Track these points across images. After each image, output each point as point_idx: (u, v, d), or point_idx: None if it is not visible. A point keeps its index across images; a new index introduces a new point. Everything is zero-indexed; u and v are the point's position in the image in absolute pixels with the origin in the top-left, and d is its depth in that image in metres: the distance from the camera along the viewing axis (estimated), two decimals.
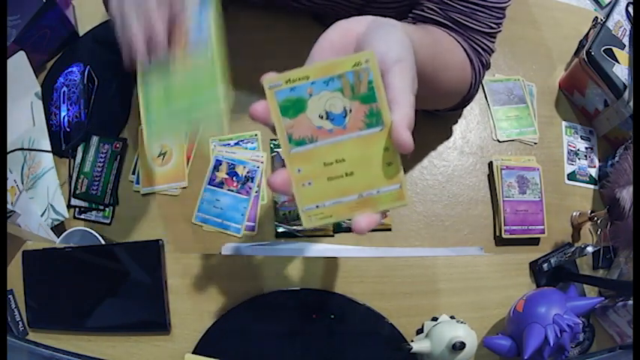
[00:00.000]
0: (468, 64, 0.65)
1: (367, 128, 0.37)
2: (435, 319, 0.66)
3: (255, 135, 0.78)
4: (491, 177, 0.79)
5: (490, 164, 0.80)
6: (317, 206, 0.38)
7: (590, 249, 0.69)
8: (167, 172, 0.76)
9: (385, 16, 0.44)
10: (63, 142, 0.76)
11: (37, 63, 0.79)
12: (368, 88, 0.36)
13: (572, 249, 0.73)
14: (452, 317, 0.66)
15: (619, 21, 0.82)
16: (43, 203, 0.72)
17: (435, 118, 0.79)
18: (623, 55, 0.80)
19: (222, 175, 0.75)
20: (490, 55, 0.68)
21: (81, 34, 0.83)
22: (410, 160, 0.80)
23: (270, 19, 0.82)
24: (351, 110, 0.37)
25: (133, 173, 0.76)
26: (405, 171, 0.78)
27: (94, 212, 0.75)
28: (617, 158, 0.79)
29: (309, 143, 0.37)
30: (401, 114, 0.36)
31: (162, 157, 0.76)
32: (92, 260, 0.67)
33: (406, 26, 0.45)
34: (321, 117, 0.37)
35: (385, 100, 0.37)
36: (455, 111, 0.76)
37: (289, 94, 0.37)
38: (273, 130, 0.38)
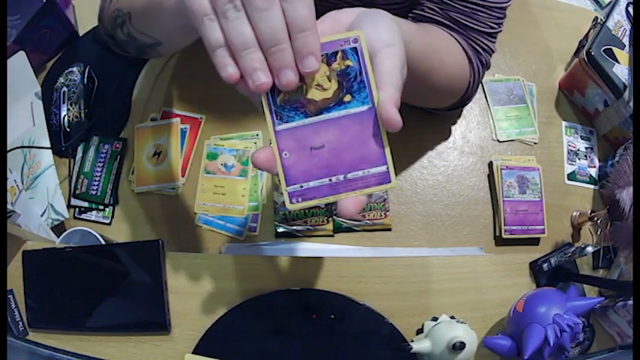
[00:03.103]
0: (467, 63, 0.65)
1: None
2: (435, 319, 0.66)
3: (257, 135, 0.78)
4: (491, 177, 0.79)
5: (490, 164, 0.80)
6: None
7: (590, 249, 0.69)
8: (162, 171, 0.76)
9: None
10: (63, 142, 0.76)
11: (37, 63, 0.79)
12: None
13: (572, 249, 0.73)
14: (452, 317, 0.66)
15: (619, 21, 0.82)
16: (43, 203, 0.72)
17: (435, 117, 0.79)
18: (623, 55, 0.80)
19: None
20: (490, 55, 0.68)
21: (81, 34, 0.83)
22: (410, 160, 0.80)
23: None
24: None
25: (133, 173, 0.76)
26: (405, 171, 0.79)
27: (94, 212, 0.75)
28: (617, 158, 0.79)
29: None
30: (388, 92, 0.36)
31: (157, 156, 0.76)
32: (92, 260, 0.67)
33: (398, 18, 0.45)
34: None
35: (373, 78, 0.36)
36: (454, 110, 0.76)
37: None
38: (261, 106, 0.37)
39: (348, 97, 0.37)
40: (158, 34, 0.57)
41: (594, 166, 0.84)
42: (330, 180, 0.37)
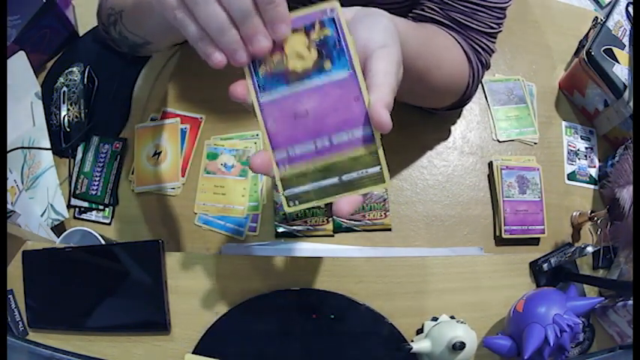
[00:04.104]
0: (466, 63, 0.65)
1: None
2: (435, 319, 0.66)
3: (257, 135, 0.78)
4: (491, 177, 0.79)
5: (490, 164, 0.80)
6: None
7: (590, 249, 0.69)
8: (162, 171, 0.76)
9: None
10: (63, 142, 0.76)
11: (37, 63, 0.79)
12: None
13: (572, 249, 0.73)
14: (452, 317, 0.66)
15: (619, 21, 0.82)
16: (43, 203, 0.72)
17: (435, 117, 0.79)
18: (623, 55, 0.79)
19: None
20: (490, 55, 0.68)
21: (81, 34, 0.83)
22: (410, 160, 0.80)
23: None
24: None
25: (133, 173, 0.76)
26: (405, 171, 0.79)
27: (94, 212, 0.75)
28: (617, 158, 0.79)
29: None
30: (380, 94, 0.36)
31: (156, 156, 0.76)
32: (92, 260, 0.67)
33: (395, 18, 0.46)
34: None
35: (353, 44, 0.37)
36: (454, 110, 0.76)
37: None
38: (252, 109, 0.38)
39: (328, 65, 0.37)
40: (146, 34, 0.59)
41: (594, 166, 0.84)
42: (315, 144, 0.38)
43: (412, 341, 0.64)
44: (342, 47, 0.37)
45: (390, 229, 0.75)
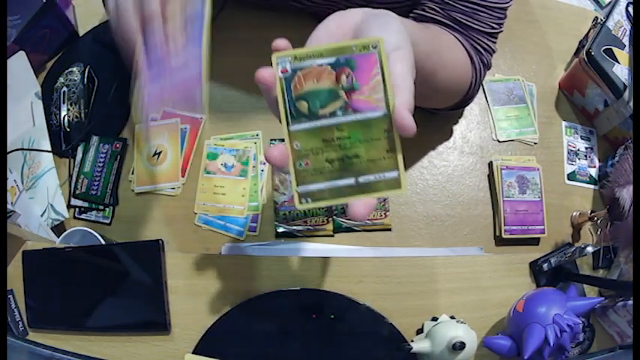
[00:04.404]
0: (469, 63, 0.65)
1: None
2: (435, 319, 0.66)
3: (257, 134, 0.78)
4: (491, 177, 0.79)
5: (490, 164, 0.80)
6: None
7: (590, 249, 0.69)
8: (162, 171, 0.76)
9: None
10: (63, 142, 0.76)
11: (37, 63, 0.79)
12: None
13: (572, 249, 0.73)
14: (452, 317, 0.66)
15: (619, 21, 0.82)
16: (43, 203, 0.72)
17: (435, 117, 0.79)
18: (623, 55, 0.80)
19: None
20: (491, 55, 0.68)
21: (81, 34, 0.83)
22: (410, 160, 0.80)
23: (269, 19, 0.82)
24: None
25: (133, 173, 0.76)
26: (405, 171, 0.79)
27: (94, 212, 0.74)
28: (617, 158, 0.79)
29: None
30: (402, 97, 0.36)
31: (156, 156, 0.76)
32: (92, 260, 0.67)
33: (403, 19, 0.46)
34: None
35: (391, 85, 0.37)
36: (455, 110, 0.76)
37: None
38: (274, 106, 0.38)
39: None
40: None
41: (594, 166, 0.84)
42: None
43: (412, 341, 0.64)
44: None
45: (390, 229, 0.75)
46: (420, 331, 0.66)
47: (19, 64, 0.76)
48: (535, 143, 0.83)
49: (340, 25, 0.42)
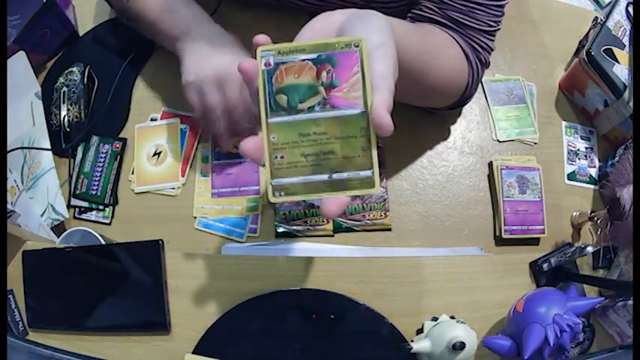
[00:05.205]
0: (465, 61, 0.65)
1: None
2: (435, 319, 0.66)
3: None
4: (491, 177, 0.79)
5: (490, 164, 0.80)
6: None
7: (590, 249, 0.69)
8: (162, 171, 0.76)
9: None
10: (63, 142, 0.76)
11: (37, 63, 0.79)
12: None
13: (572, 249, 0.73)
14: (452, 317, 0.66)
15: (619, 21, 0.82)
16: (43, 203, 0.72)
17: (435, 117, 0.79)
18: (623, 55, 0.80)
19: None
20: (489, 53, 0.68)
21: (81, 34, 0.83)
22: (410, 160, 0.80)
23: (267, 19, 0.82)
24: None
25: (133, 173, 0.76)
26: (405, 171, 0.79)
27: (94, 212, 0.74)
28: (617, 158, 0.79)
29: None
30: (381, 96, 0.36)
31: (156, 156, 0.76)
32: (92, 260, 0.67)
33: (391, 19, 0.46)
34: None
35: (370, 83, 0.37)
36: (454, 110, 0.76)
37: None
38: (256, 96, 0.38)
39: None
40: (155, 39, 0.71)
41: (594, 166, 0.84)
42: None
43: (412, 341, 0.64)
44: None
45: (390, 229, 0.75)
46: (420, 331, 0.66)
47: (19, 64, 0.76)
48: (535, 143, 0.83)
49: (325, 25, 0.42)
